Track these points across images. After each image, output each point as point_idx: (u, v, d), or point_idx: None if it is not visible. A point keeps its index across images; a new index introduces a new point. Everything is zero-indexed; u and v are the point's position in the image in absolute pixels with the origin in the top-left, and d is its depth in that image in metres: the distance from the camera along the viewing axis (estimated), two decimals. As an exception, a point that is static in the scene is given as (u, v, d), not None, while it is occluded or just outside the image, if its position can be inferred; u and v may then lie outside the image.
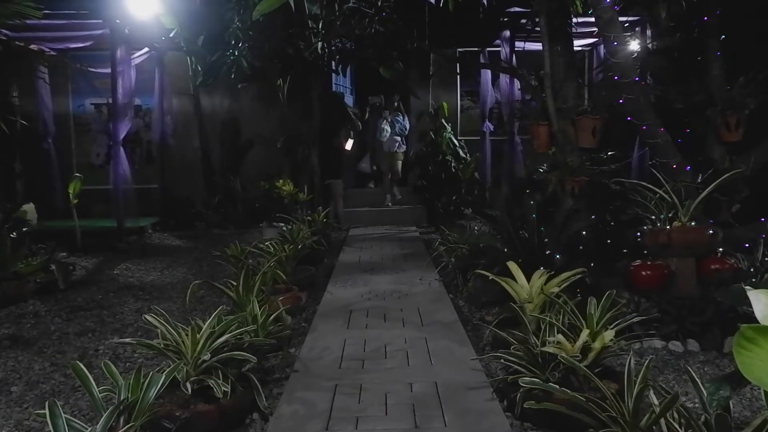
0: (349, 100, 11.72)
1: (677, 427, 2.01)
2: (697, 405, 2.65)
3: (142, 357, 3.71)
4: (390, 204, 10.00)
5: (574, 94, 5.86)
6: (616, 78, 4.76)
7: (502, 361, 3.08)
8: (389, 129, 9.75)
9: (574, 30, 6.22)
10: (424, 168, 9.87)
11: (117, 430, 2.20)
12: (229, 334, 3.02)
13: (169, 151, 9.38)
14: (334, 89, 10.70)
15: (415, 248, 7.47)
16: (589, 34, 8.42)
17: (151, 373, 2.42)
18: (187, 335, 2.87)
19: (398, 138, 9.89)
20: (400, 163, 10.08)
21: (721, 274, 4.10)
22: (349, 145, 9.65)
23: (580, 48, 9.09)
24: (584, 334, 2.84)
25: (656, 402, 2.15)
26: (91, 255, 6.98)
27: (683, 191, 4.34)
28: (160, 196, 9.28)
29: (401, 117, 9.98)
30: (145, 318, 3.13)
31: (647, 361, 2.32)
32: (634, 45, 7.25)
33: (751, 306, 1.15)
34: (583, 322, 3.01)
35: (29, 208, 6.49)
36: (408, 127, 10.10)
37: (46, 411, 2.09)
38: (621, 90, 4.73)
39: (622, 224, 5.01)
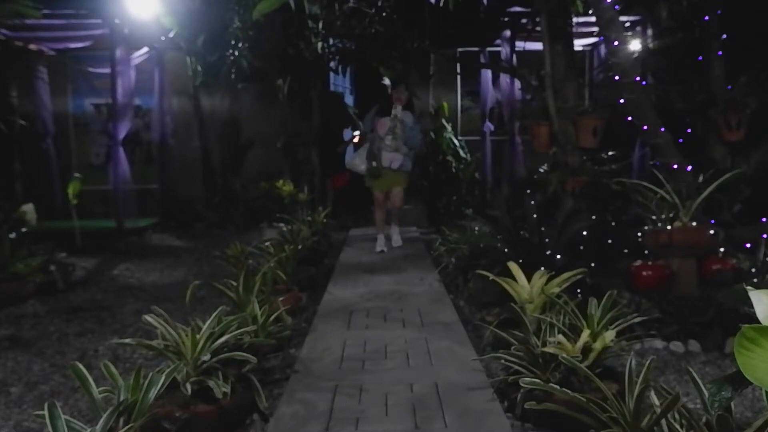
0: (349, 100, 11.71)
1: (678, 428, 2.01)
2: (698, 406, 2.64)
3: (141, 358, 3.71)
4: (383, 248, 7.03)
5: (575, 94, 5.87)
6: (616, 78, 4.75)
7: (502, 361, 3.07)
8: (391, 133, 6.68)
9: (574, 30, 6.22)
10: (424, 168, 9.87)
11: (116, 430, 2.20)
12: (229, 335, 3.01)
13: (169, 151, 9.36)
14: (333, 89, 10.68)
15: (416, 249, 7.46)
16: (590, 34, 8.42)
17: (150, 373, 2.41)
18: (187, 336, 2.86)
19: (401, 152, 6.76)
20: (400, 189, 6.99)
21: (722, 275, 4.09)
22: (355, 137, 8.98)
23: (580, 48, 9.08)
24: (585, 335, 2.84)
25: (657, 403, 2.14)
26: (91, 255, 6.97)
27: (684, 191, 4.33)
28: (160, 197, 9.26)
29: (411, 119, 6.85)
30: (144, 318, 3.12)
31: (648, 362, 2.31)
32: (635, 45, 7.25)
33: (752, 306, 1.14)
34: (584, 322, 3.00)
35: (28, 208, 6.48)
36: (419, 138, 7.13)
37: (45, 412, 2.08)
38: (622, 90, 4.73)
39: (623, 224, 5.01)
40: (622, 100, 4.76)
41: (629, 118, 4.88)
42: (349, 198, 9.34)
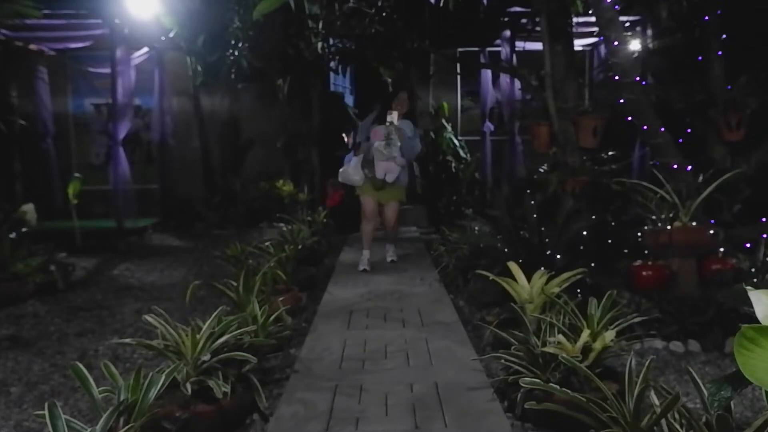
0: (349, 100, 11.72)
1: (678, 427, 2.01)
2: (698, 405, 2.64)
3: (141, 357, 3.71)
4: (366, 267, 6.11)
5: (575, 94, 5.87)
6: (616, 78, 4.76)
7: (502, 361, 3.07)
8: (387, 141, 5.90)
9: (574, 30, 6.22)
10: (424, 168, 9.87)
11: (117, 430, 2.20)
12: (229, 335, 3.01)
13: (169, 151, 9.37)
14: (333, 89, 10.68)
15: (416, 248, 7.46)
16: (590, 34, 8.42)
17: (150, 373, 2.41)
18: (187, 336, 2.86)
19: (396, 162, 5.95)
20: (395, 205, 6.27)
21: (722, 275, 4.09)
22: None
23: (580, 48, 9.08)
24: (585, 335, 2.84)
25: (657, 402, 2.14)
26: (91, 255, 6.98)
27: (684, 191, 4.33)
28: (160, 197, 9.28)
29: (410, 128, 6.10)
30: (145, 318, 3.12)
31: (648, 362, 2.31)
32: (635, 45, 7.25)
33: (752, 306, 1.15)
34: (584, 322, 3.01)
35: (29, 208, 6.48)
36: (418, 148, 6.26)
37: (46, 412, 2.08)
38: (622, 90, 4.73)
39: (622, 224, 5.01)
40: (622, 100, 4.76)
41: (629, 118, 4.88)
42: (346, 209, 9.05)
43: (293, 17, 7.54)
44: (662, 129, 4.68)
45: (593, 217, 4.92)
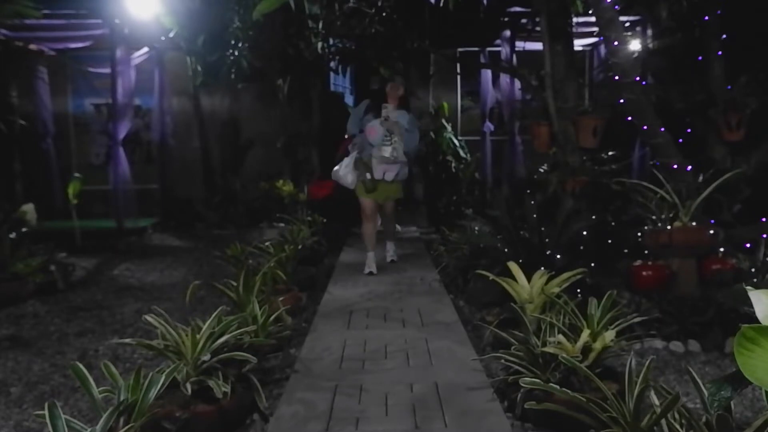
0: (349, 100, 11.72)
1: (678, 427, 2.01)
2: (698, 405, 2.64)
3: (141, 357, 3.71)
4: (372, 270, 5.98)
5: (575, 94, 5.87)
6: (616, 78, 4.76)
7: (502, 361, 3.07)
8: (386, 142, 5.68)
9: (574, 30, 6.22)
10: (424, 168, 9.87)
11: (117, 430, 2.20)
12: (229, 335, 3.01)
13: (169, 151, 9.37)
14: (333, 89, 10.68)
15: (416, 248, 7.46)
16: (590, 34, 8.42)
17: (150, 373, 2.41)
18: (187, 336, 2.86)
19: (397, 162, 5.79)
20: (392, 204, 6.27)
21: (722, 275, 4.09)
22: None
23: (580, 48, 9.09)
24: (585, 335, 2.84)
25: (657, 402, 2.14)
26: (91, 255, 6.97)
27: (684, 191, 4.33)
28: (160, 197, 9.27)
29: (407, 120, 5.84)
30: (145, 318, 3.12)
31: (648, 362, 2.31)
32: (635, 45, 7.25)
33: (752, 306, 1.15)
34: (584, 322, 3.01)
35: (29, 208, 6.48)
36: (417, 141, 6.09)
37: (46, 412, 2.08)
38: (622, 90, 4.73)
39: (622, 224, 5.01)
40: (622, 100, 4.76)
41: (629, 118, 4.88)
42: (339, 207, 8.75)
43: (293, 17, 7.53)
44: (662, 129, 4.67)
45: (593, 217, 4.92)
